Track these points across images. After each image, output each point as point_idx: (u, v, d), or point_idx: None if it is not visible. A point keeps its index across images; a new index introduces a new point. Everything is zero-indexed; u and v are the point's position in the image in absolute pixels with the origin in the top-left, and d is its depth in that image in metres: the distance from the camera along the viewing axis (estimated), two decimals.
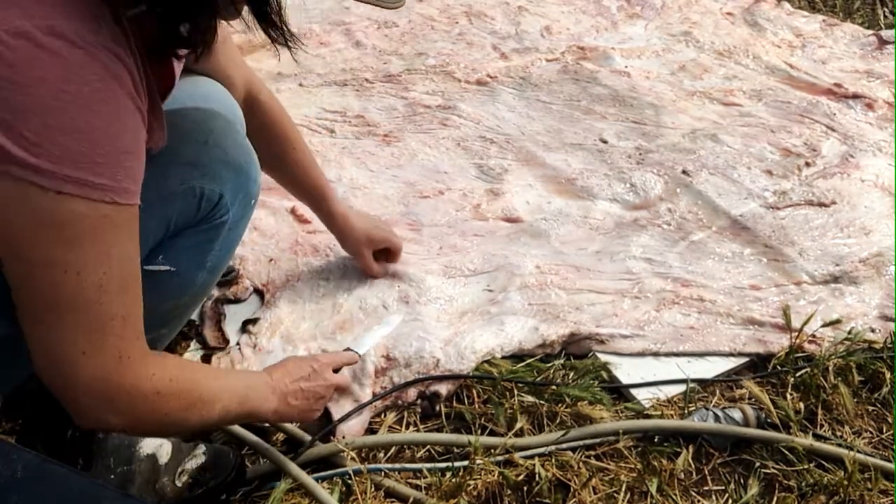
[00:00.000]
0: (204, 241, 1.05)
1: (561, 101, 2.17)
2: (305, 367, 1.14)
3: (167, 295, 1.04)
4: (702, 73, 2.33)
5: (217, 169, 1.02)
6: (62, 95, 0.70)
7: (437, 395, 1.32)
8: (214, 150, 1.03)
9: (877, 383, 1.40)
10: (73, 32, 0.71)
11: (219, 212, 1.04)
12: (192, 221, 1.02)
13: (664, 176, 1.88)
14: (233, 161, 1.05)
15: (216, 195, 1.02)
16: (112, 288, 0.79)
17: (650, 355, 1.44)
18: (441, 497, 1.15)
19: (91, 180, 0.73)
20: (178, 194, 0.99)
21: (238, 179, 1.06)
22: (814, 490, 1.21)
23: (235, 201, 1.06)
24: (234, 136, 1.08)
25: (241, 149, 1.08)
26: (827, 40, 2.58)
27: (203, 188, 1.00)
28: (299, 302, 1.47)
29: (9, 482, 0.70)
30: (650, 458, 1.24)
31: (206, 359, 1.35)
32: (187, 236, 1.03)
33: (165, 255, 1.01)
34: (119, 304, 0.80)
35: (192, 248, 1.04)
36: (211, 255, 1.07)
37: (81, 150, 0.72)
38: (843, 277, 1.61)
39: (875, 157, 1.98)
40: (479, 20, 2.59)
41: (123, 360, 0.81)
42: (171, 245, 1.01)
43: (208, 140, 1.03)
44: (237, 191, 1.06)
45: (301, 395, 1.11)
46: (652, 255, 1.65)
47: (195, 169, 1.00)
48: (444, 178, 1.86)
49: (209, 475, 1.11)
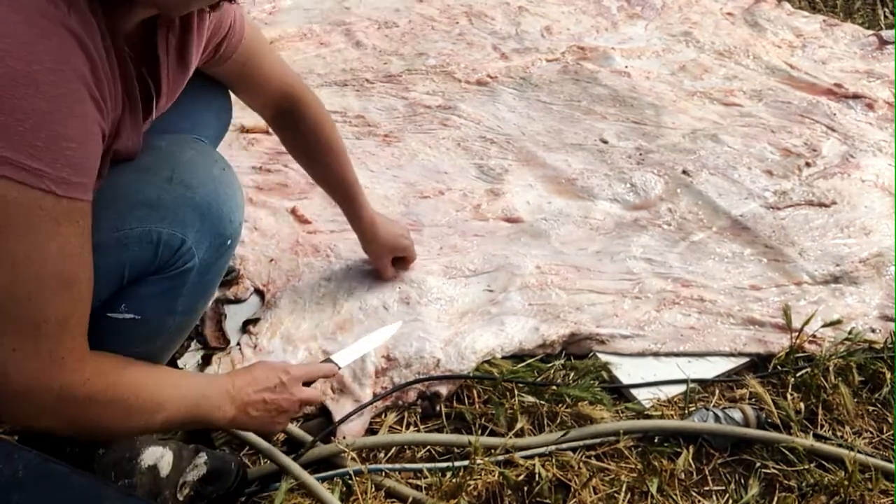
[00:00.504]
0: (169, 289, 0.95)
1: (561, 102, 2.17)
2: (273, 378, 1.04)
3: (136, 342, 0.96)
4: (702, 73, 2.33)
5: (180, 211, 0.91)
6: (9, 73, 0.66)
7: (438, 395, 1.32)
8: (178, 189, 0.91)
9: (877, 383, 1.40)
10: (36, 8, 0.67)
11: (181, 258, 0.93)
12: (149, 269, 0.92)
13: (664, 176, 1.88)
14: (201, 201, 0.92)
15: (177, 240, 0.91)
16: (48, 286, 0.73)
17: (650, 355, 1.44)
18: (441, 497, 1.15)
19: (25, 163, 0.68)
20: (132, 239, 0.89)
21: (206, 222, 0.94)
22: (814, 490, 1.21)
23: (202, 245, 0.95)
24: (206, 170, 0.96)
25: (213, 184, 0.95)
26: (827, 40, 2.58)
27: (160, 233, 0.90)
28: (300, 302, 1.47)
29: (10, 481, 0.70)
30: (650, 459, 1.24)
31: (206, 358, 1.35)
32: (149, 283, 0.93)
33: (127, 304, 0.93)
34: (56, 305, 0.75)
35: (157, 296, 0.95)
36: (180, 300, 0.97)
37: (19, 129, 0.67)
38: (844, 277, 1.61)
39: (875, 158, 1.98)
40: (480, 20, 2.59)
41: (56, 361, 0.76)
42: (133, 293, 0.93)
43: (172, 176, 0.92)
44: (205, 234, 0.94)
45: (262, 407, 1.02)
46: (652, 256, 1.65)
47: (153, 210, 0.89)
48: (444, 178, 1.86)
49: (211, 488, 1.10)
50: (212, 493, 1.10)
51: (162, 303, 0.96)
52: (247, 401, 1.00)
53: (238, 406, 0.99)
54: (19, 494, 0.70)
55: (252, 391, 1.01)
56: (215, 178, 0.96)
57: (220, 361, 1.35)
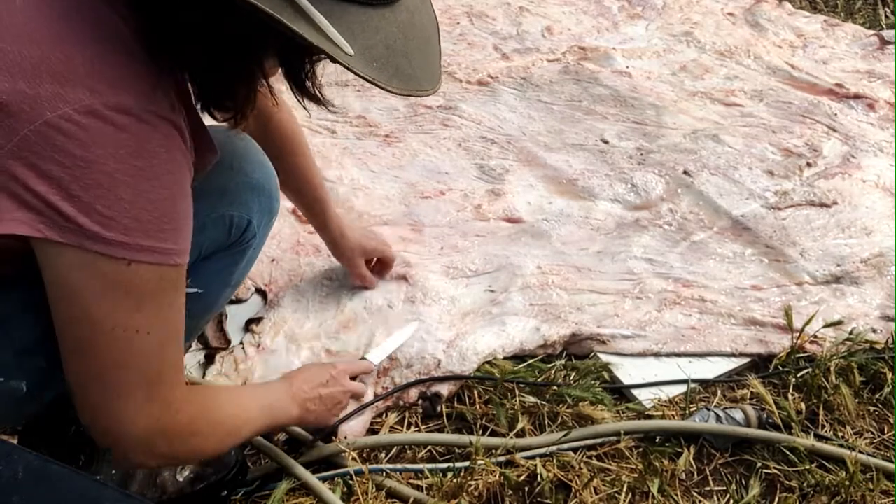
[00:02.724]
0: (231, 264, 1.09)
1: (562, 102, 2.17)
2: (324, 374, 1.17)
3: (192, 314, 1.03)
4: (703, 73, 2.33)
5: (244, 195, 1.05)
6: (133, 170, 0.72)
7: (439, 395, 1.32)
8: (239, 175, 1.05)
9: (878, 384, 1.39)
10: (137, 107, 0.73)
11: (247, 236, 1.08)
12: (222, 247, 1.05)
13: (665, 176, 1.88)
14: (256, 183, 1.07)
15: (245, 221, 1.06)
16: (171, 339, 0.83)
17: (651, 356, 1.44)
18: (442, 497, 1.15)
19: (160, 247, 0.76)
20: (209, 223, 1.01)
21: (262, 201, 1.08)
22: (815, 490, 1.21)
23: (261, 223, 1.09)
24: (255, 155, 1.09)
25: (262, 168, 1.10)
26: (828, 40, 2.58)
27: (232, 216, 1.04)
28: (303, 301, 1.47)
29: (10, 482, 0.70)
30: (651, 459, 1.24)
31: (208, 358, 1.35)
32: (216, 260, 1.06)
33: (194, 278, 1.01)
34: (175, 352, 0.84)
35: (219, 271, 1.08)
36: (236, 273, 1.11)
37: (151, 219, 0.75)
38: (845, 278, 1.61)
39: (876, 158, 1.98)
40: (481, 20, 2.59)
41: (169, 404, 0.84)
42: (200, 268, 1.03)
43: (233, 164, 1.04)
44: (262, 213, 1.09)
45: (319, 402, 1.14)
46: (653, 256, 1.65)
47: (223, 196, 1.03)
48: (445, 178, 1.86)
49: (210, 470, 1.11)
50: (211, 476, 1.11)
51: (222, 277, 1.09)
52: (305, 398, 1.11)
53: (300, 404, 1.10)
54: (19, 496, 0.70)
55: (308, 388, 1.12)
56: (262, 162, 1.11)
57: (224, 360, 1.35)
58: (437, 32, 0.84)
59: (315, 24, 0.68)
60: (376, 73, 0.72)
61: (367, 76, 0.71)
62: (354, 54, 0.70)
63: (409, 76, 0.75)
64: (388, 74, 0.73)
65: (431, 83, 0.79)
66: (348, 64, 0.70)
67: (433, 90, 0.79)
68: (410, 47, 0.76)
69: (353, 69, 0.70)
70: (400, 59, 0.74)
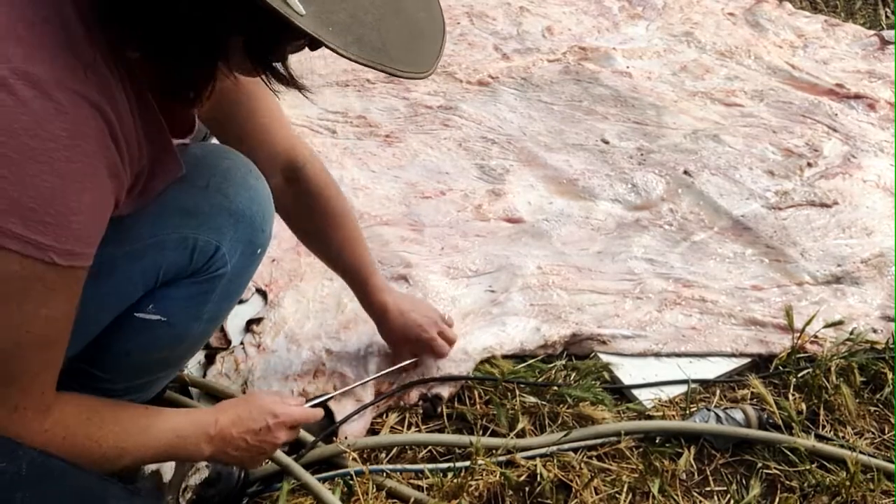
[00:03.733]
0: (198, 294, 0.97)
1: (562, 102, 2.17)
2: (260, 420, 1.01)
3: (158, 345, 0.99)
4: (703, 73, 2.33)
5: (215, 218, 0.94)
6: (25, 150, 0.66)
7: (439, 397, 1.31)
8: (215, 196, 0.94)
9: (879, 384, 1.39)
10: (51, 80, 0.67)
11: (214, 264, 0.96)
12: (183, 273, 0.95)
13: (666, 176, 1.88)
14: (235, 209, 0.95)
15: (212, 247, 0.94)
16: (30, 346, 0.74)
17: (652, 356, 1.44)
18: (443, 497, 1.15)
19: (35, 239, 0.69)
20: (169, 243, 0.91)
21: (240, 230, 0.96)
22: (816, 491, 1.21)
23: (236, 253, 0.97)
24: (242, 177, 0.98)
25: (249, 193, 0.98)
26: (828, 41, 2.58)
27: (196, 239, 0.93)
28: (303, 301, 1.47)
29: (14, 479, 0.70)
30: (652, 459, 1.24)
31: (209, 358, 1.35)
32: (180, 286, 0.95)
33: (156, 304, 0.95)
34: (33, 362, 0.75)
35: (186, 300, 0.97)
36: (207, 307, 0.99)
37: (31, 206, 0.68)
38: (845, 278, 1.61)
39: (877, 158, 1.98)
40: (481, 21, 2.59)
41: (19, 410, 0.76)
42: (163, 294, 0.95)
43: (209, 183, 0.94)
44: (238, 242, 0.97)
45: (243, 446, 1.00)
46: (653, 256, 1.65)
47: (190, 217, 0.92)
48: (445, 178, 1.86)
49: (212, 490, 1.11)
50: (214, 497, 1.11)
51: (190, 307, 0.98)
52: (227, 439, 0.97)
53: (217, 445, 0.96)
54: (23, 492, 0.71)
55: (235, 431, 0.98)
56: (251, 187, 0.98)
57: (224, 360, 1.35)
58: (436, 26, 0.79)
59: None
60: (330, 36, 0.66)
61: (316, 34, 0.65)
62: (307, 15, 0.64)
63: (375, 49, 0.69)
64: (346, 41, 0.67)
65: (410, 66, 0.72)
66: (293, 20, 0.63)
67: (413, 73, 0.72)
68: (386, 24, 0.71)
69: (298, 24, 0.64)
70: (366, 30, 0.69)
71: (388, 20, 0.71)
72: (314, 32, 0.64)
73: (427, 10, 0.78)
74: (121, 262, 0.89)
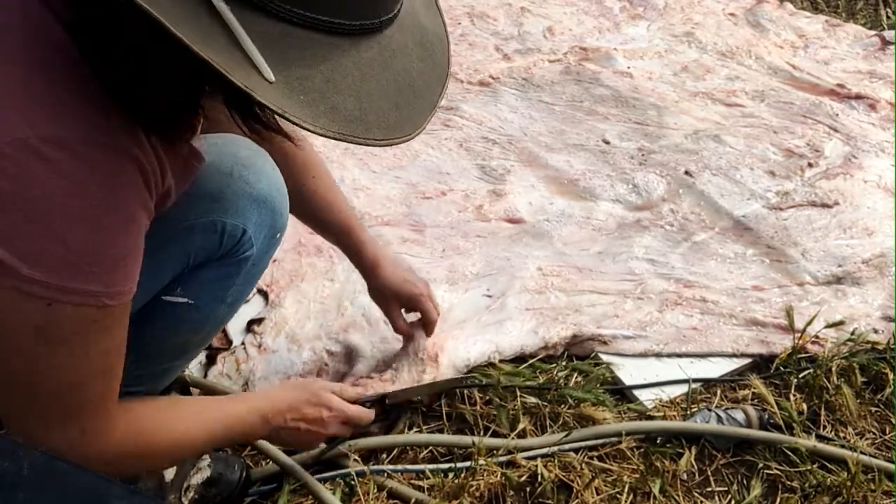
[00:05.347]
0: (225, 276, 1.02)
1: (563, 102, 2.17)
2: (316, 412, 1.07)
3: (184, 328, 1.02)
4: (704, 73, 2.33)
5: (241, 203, 0.99)
6: (66, 210, 0.68)
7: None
8: (238, 183, 0.99)
9: (880, 384, 1.39)
10: (78, 139, 0.67)
11: (242, 248, 1.01)
12: (213, 256, 0.99)
13: (667, 177, 1.88)
14: (258, 195, 1.00)
15: (239, 230, 0.99)
16: (91, 377, 0.77)
17: (653, 356, 1.44)
18: (444, 498, 1.15)
19: (84, 289, 0.71)
20: (199, 228, 0.96)
21: (263, 214, 1.02)
22: (817, 491, 1.21)
23: (260, 236, 1.03)
24: (261, 166, 1.03)
25: (268, 180, 1.03)
26: (829, 41, 2.58)
27: (225, 223, 0.98)
28: (304, 302, 1.47)
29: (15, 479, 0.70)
30: (653, 459, 1.24)
31: (210, 358, 1.36)
32: (209, 269, 1.00)
33: (184, 287, 0.98)
34: (95, 391, 0.79)
35: (213, 282, 1.02)
36: (232, 289, 1.04)
37: (78, 261, 0.70)
38: (846, 278, 1.61)
39: (878, 158, 1.98)
40: (482, 21, 2.59)
41: (87, 433, 0.79)
42: (192, 277, 0.99)
43: (233, 171, 0.99)
44: (261, 226, 1.02)
45: (295, 434, 1.05)
46: (654, 256, 1.65)
47: (218, 202, 0.97)
48: (446, 178, 1.86)
49: (214, 490, 1.11)
50: (216, 497, 1.11)
51: (216, 290, 1.03)
52: (281, 426, 1.03)
53: (271, 430, 1.02)
54: (25, 493, 0.71)
55: (290, 418, 1.03)
56: (269, 174, 1.03)
57: (225, 360, 1.35)
58: (435, 74, 0.72)
59: (236, 41, 0.59)
60: (299, 107, 0.60)
61: (280, 109, 0.59)
62: (276, 83, 0.59)
63: (351, 118, 0.63)
64: (316, 111, 0.61)
65: (390, 130, 0.66)
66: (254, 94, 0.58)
67: (390, 140, 0.66)
68: (367, 86, 0.65)
69: (259, 99, 0.58)
70: (343, 96, 0.63)
71: (373, 79, 0.65)
72: (277, 107, 0.59)
73: (427, 58, 0.72)
74: (154, 250, 0.90)
